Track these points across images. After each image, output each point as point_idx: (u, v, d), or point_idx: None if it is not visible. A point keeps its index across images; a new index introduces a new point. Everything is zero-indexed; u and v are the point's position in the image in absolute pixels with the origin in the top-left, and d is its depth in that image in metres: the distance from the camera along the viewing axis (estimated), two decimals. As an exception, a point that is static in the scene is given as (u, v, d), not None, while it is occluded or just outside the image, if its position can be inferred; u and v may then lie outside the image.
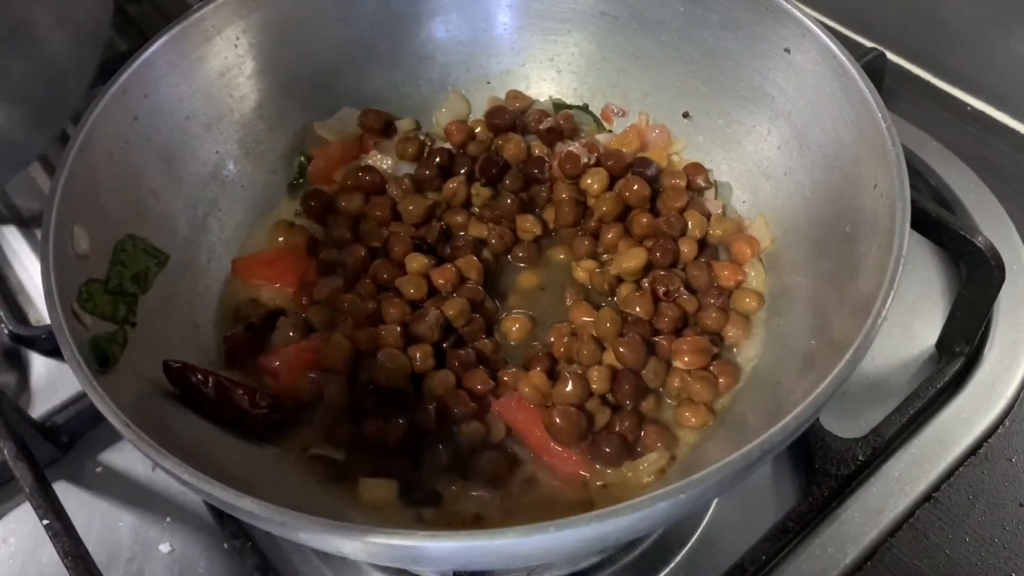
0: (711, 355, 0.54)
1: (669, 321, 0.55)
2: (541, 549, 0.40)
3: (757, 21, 0.59)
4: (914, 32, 0.83)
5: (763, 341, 0.56)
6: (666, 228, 0.59)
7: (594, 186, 0.62)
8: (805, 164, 0.58)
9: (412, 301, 0.57)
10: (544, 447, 0.51)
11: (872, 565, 0.54)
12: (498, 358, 0.56)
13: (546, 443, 0.51)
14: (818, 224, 0.56)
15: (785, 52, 0.58)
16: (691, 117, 0.66)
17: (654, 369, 0.53)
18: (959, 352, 0.61)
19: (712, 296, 0.57)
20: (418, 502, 0.50)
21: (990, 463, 0.58)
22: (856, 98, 0.53)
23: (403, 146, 0.67)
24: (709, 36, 0.63)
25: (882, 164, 0.49)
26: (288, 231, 0.63)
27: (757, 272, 0.58)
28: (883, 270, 0.44)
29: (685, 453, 0.52)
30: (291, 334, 0.56)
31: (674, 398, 0.54)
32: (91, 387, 0.42)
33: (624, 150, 0.65)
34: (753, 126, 0.63)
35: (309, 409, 0.54)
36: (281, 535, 0.53)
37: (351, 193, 0.64)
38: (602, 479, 0.50)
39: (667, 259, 0.58)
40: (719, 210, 0.62)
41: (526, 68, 0.70)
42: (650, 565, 0.55)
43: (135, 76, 0.57)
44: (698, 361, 0.53)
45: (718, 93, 0.64)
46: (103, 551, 0.57)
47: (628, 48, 0.67)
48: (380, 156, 0.67)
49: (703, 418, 0.52)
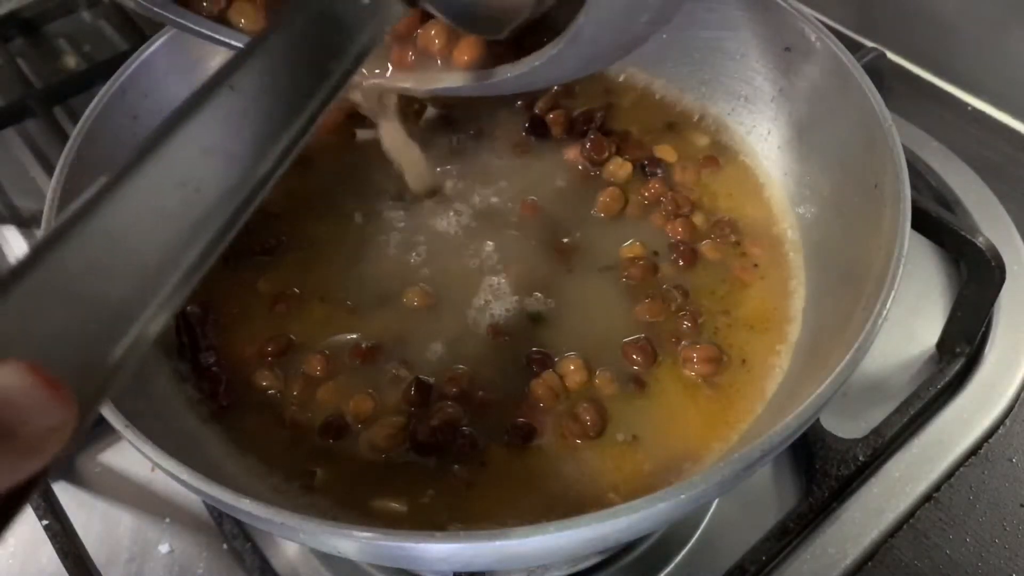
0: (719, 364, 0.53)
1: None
2: (541, 549, 0.40)
3: (757, 21, 0.59)
4: (914, 32, 0.83)
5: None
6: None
7: (619, 172, 0.62)
8: (805, 164, 0.58)
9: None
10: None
11: (872, 565, 0.54)
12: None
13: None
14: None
15: (785, 52, 0.58)
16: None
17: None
18: (959, 352, 0.61)
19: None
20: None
21: (991, 463, 0.58)
22: (856, 98, 0.53)
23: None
24: (709, 36, 0.63)
25: (882, 164, 0.49)
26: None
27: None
28: (883, 270, 0.44)
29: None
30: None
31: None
32: (91, 387, 0.42)
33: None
34: (753, 126, 0.63)
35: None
36: (281, 535, 0.54)
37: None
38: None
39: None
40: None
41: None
42: (650, 565, 0.55)
43: (135, 76, 0.57)
44: (707, 370, 0.53)
45: (718, 93, 0.64)
46: (102, 551, 0.57)
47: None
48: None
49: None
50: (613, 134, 0.65)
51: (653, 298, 0.55)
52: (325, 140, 0.66)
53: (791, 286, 0.56)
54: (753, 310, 0.56)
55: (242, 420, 0.52)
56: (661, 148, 0.64)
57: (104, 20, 0.96)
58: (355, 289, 0.58)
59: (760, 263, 0.58)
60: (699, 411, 0.52)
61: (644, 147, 0.64)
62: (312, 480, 0.50)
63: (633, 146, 0.64)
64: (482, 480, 0.49)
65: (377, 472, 0.50)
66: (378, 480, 0.49)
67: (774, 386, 0.52)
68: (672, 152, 0.64)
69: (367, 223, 0.61)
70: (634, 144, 0.65)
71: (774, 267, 0.57)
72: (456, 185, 0.63)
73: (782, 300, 0.56)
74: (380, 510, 0.48)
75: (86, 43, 0.95)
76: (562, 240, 0.59)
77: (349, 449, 0.51)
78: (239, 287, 0.58)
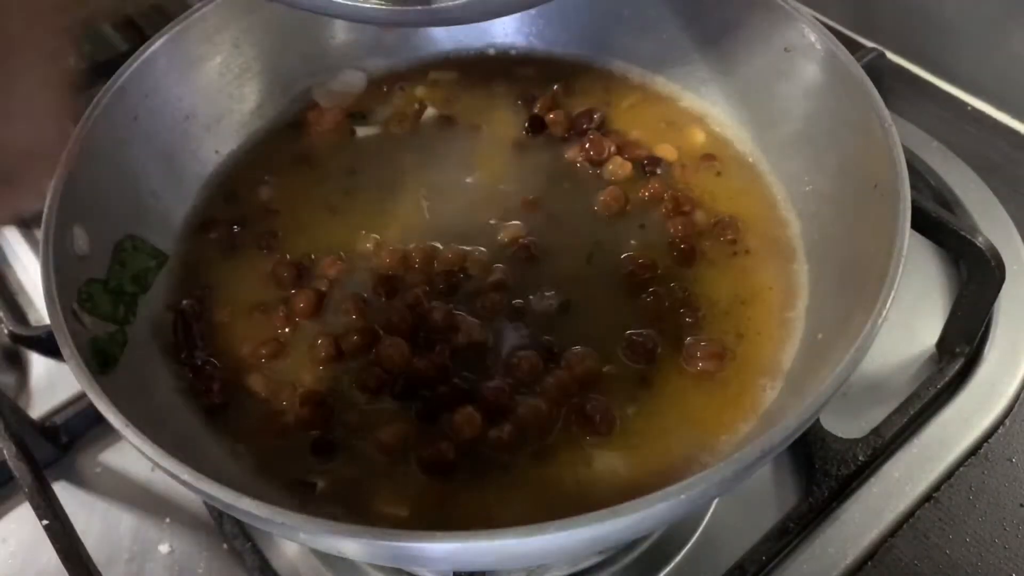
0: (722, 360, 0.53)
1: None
2: (541, 549, 0.40)
3: (757, 21, 0.59)
4: (914, 32, 0.83)
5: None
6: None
7: (619, 172, 0.62)
8: (805, 164, 0.58)
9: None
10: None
11: (872, 565, 0.54)
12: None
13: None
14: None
15: (785, 52, 0.58)
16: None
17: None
18: (959, 352, 0.61)
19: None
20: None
21: (990, 463, 0.58)
22: (856, 98, 0.53)
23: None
24: (709, 35, 0.63)
25: (882, 164, 0.49)
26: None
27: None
28: (883, 270, 0.44)
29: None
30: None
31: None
32: (91, 387, 0.42)
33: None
34: (753, 125, 0.63)
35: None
36: (281, 535, 0.54)
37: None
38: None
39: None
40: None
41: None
42: (650, 565, 0.55)
43: (135, 76, 0.57)
44: (711, 366, 0.53)
45: (718, 92, 0.64)
46: (102, 551, 0.57)
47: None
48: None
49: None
50: (613, 133, 0.65)
51: (655, 296, 0.55)
52: (325, 138, 0.66)
53: (791, 285, 0.56)
54: (753, 309, 0.56)
55: (240, 418, 0.52)
56: (661, 147, 0.64)
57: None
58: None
59: (760, 262, 0.58)
60: (702, 408, 0.51)
61: (644, 146, 0.64)
62: (312, 480, 0.50)
63: (633, 145, 0.64)
64: (483, 480, 0.49)
65: (379, 474, 0.50)
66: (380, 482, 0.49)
67: (775, 385, 0.52)
68: (672, 151, 0.64)
69: (366, 220, 0.61)
70: (634, 143, 0.65)
71: (774, 266, 0.57)
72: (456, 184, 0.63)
73: (782, 299, 0.55)
74: (382, 512, 0.48)
75: (86, 43, 0.95)
76: (563, 239, 0.59)
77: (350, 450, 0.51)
78: (237, 282, 0.58)
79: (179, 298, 0.56)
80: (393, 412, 0.51)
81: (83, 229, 0.51)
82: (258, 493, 0.38)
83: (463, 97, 0.69)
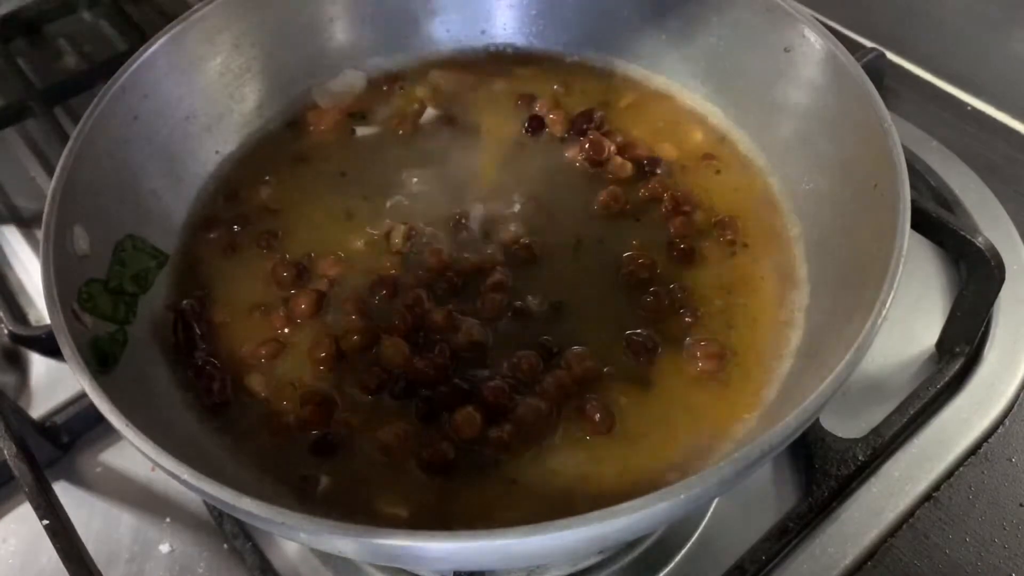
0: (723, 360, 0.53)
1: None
2: (541, 549, 0.40)
3: (757, 21, 0.60)
4: (914, 32, 0.83)
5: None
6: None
7: (619, 171, 0.62)
8: (805, 164, 0.58)
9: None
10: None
11: (872, 565, 0.54)
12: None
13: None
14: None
15: (785, 52, 0.58)
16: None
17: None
18: (959, 352, 0.61)
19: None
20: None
21: (990, 463, 0.58)
22: (856, 98, 0.53)
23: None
24: (709, 35, 0.63)
25: (882, 164, 0.49)
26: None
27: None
28: (883, 270, 0.44)
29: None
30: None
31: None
32: (91, 387, 0.42)
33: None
34: (753, 125, 0.63)
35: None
36: (281, 535, 0.54)
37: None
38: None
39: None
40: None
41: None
42: (650, 565, 0.55)
43: (135, 76, 0.57)
44: (711, 366, 0.53)
45: (717, 92, 0.64)
46: (103, 551, 0.57)
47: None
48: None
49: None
50: (613, 133, 0.65)
51: (655, 296, 0.55)
52: (324, 138, 0.66)
53: (791, 285, 0.56)
54: (753, 308, 0.56)
55: (240, 418, 0.52)
56: (661, 147, 0.64)
57: (104, 20, 0.96)
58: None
59: (760, 262, 0.58)
60: (702, 407, 0.51)
61: (644, 146, 0.64)
62: (312, 479, 0.50)
63: (633, 145, 0.64)
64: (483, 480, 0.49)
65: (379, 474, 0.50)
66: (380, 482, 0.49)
67: (775, 385, 0.52)
68: (672, 150, 0.64)
69: (365, 219, 0.61)
70: (634, 143, 0.65)
71: (774, 266, 0.57)
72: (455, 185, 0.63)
73: (782, 299, 0.56)
74: (382, 512, 0.48)
75: (86, 43, 0.95)
76: (563, 239, 0.59)
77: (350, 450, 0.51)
78: (237, 281, 0.58)
79: (179, 298, 0.56)
80: (393, 412, 0.52)
81: (83, 229, 0.51)
82: (258, 493, 0.38)
83: (463, 97, 0.69)
